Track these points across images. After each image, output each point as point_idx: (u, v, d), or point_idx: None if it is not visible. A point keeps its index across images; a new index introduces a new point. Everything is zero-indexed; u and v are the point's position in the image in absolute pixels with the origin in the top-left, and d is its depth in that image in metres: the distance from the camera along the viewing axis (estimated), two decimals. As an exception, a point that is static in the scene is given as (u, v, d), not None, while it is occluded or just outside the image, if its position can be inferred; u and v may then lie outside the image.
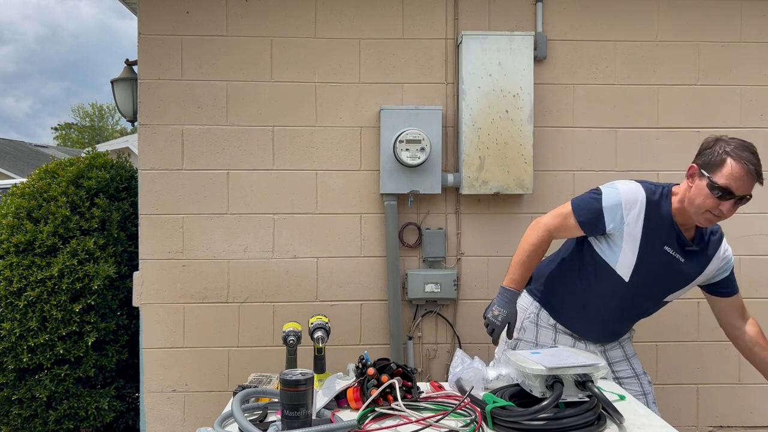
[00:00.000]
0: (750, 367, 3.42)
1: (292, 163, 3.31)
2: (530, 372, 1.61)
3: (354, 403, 1.70)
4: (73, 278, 3.17)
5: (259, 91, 3.30)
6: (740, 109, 3.41)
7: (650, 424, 1.65)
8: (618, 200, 1.97)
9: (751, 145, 1.88)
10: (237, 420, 1.49)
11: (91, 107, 38.86)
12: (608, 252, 2.01)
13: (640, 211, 1.95)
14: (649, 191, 1.99)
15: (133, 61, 4.04)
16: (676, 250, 1.98)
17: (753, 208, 3.39)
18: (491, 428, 1.56)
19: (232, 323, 3.31)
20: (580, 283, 2.09)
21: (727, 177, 1.83)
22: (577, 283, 2.10)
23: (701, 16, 3.40)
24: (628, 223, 1.96)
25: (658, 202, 1.97)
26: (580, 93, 3.37)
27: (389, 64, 3.31)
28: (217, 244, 3.29)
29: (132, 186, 3.65)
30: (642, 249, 1.96)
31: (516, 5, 3.34)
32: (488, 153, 3.20)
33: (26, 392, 3.19)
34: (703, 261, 2.04)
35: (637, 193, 1.98)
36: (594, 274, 2.05)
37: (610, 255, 2.01)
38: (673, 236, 1.97)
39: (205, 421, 3.25)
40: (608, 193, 2.00)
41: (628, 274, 1.99)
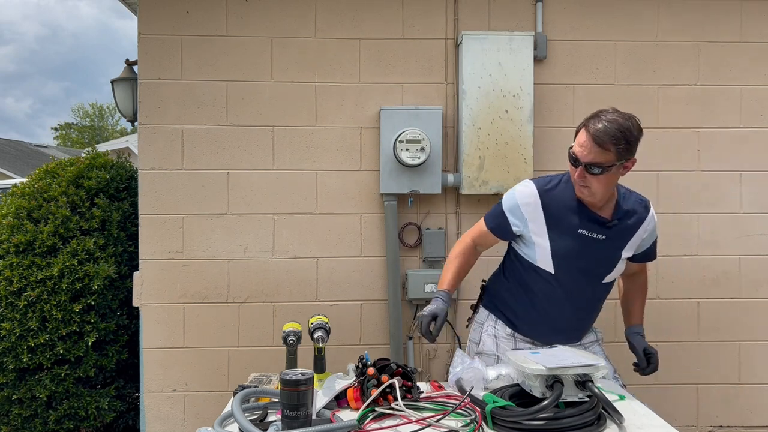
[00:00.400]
0: (750, 368, 3.44)
1: (292, 163, 3.31)
2: (530, 372, 1.61)
3: (354, 403, 1.70)
4: (73, 278, 3.17)
5: (259, 91, 3.30)
6: (740, 109, 3.41)
7: (650, 424, 1.66)
8: (515, 201, 2.05)
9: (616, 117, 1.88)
10: (237, 420, 1.50)
11: (91, 107, 38.87)
12: (528, 251, 2.06)
13: (536, 205, 2.00)
14: (541, 184, 2.05)
15: (133, 61, 4.05)
16: (594, 230, 1.99)
17: (753, 208, 3.41)
18: (491, 428, 1.56)
19: (232, 323, 3.31)
20: (521, 288, 2.12)
21: (576, 143, 1.93)
22: (519, 288, 2.13)
23: (701, 16, 3.40)
24: (531, 219, 2.01)
25: (554, 190, 2.02)
26: (580, 93, 3.37)
27: (389, 64, 3.31)
28: (217, 244, 3.29)
29: (132, 186, 3.65)
30: (552, 239, 2.00)
31: (516, 5, 3.34)
32: (488, 153, 3.20)
33: (26, 392, 3.19)
34: (627, 233, 2.05)
35: (530, 188, 2.04)
36: (527, 276, 2.10)
37: (530, 254, 2.06)
38: (584, 218, 1.99)
39: (205, 421, 3.25)
40: (507, 197, 2.09)
41: (552, 265, 2.02)
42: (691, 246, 3.40)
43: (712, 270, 3.41)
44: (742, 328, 3.43)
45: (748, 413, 3.45)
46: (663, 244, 3.39)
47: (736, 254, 3.42)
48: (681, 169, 3.41)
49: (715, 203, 3.41)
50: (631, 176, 3.37)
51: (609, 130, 1.84)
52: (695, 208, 3.40)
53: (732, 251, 3.42)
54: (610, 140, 1.84)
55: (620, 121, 1.87)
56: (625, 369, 3.35)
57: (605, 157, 1.86)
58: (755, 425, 3.45)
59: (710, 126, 3.40)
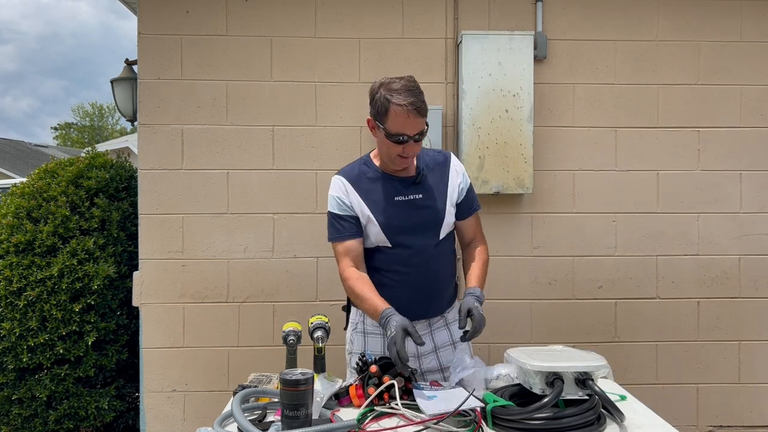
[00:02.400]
0: (750, 367, 3.44)
1: (292, 163, 3.31)
2: (531, 369, 1.61)
3: (357, 400, 1.71)
4: (73, 278, 3.17)
5: (259, 91, 3.30)
6: (740, 108, 3.41)
7: (650, 423, 1.66)
8: (333, 197, 2.10)
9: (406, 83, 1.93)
10: (237, 420, 1.49)
11: (90, 107, 38.89)
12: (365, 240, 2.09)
13: (349, 190, 2.08)
14: (345, 171, 2.14)
15: (133, 60, 4.04)
16: (409, 193, 2.07)
17: (753, 207, 3.41)
18: (491, 428, 1.56)
19: (232, 323, 3.31)
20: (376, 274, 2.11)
21: (395, 124, 1.92)
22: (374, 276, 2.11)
23: (701, 16, 3.40)
24: (352, 205, 2.07)
25: (359, 171, 2.11)
26: (580, 93, 3.37)
27: (389, 64, 3.31)
28: (217, 244, 3.29)
29: (132, 186, 3.65)
30: (375, 212, 2.05)
31: (516, 5, 3.34)
32: (488, 153, 3.20)
33: (26, 392, 3.19)
34: (439, 184, 2.12)
35: (337, 180, 2.12)
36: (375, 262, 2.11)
37: (366, 240, 2.09)
38: (395, 185, 2.07)
39: (205, 421, 3.25)
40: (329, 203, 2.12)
41: (385, 239, 2.06)
42: (691, 246, 3.40)
43: (712, 270, 3.41)
44: (742, 328, 3.43)
45: (748, 413, 3.45)
46: (663, 244, 3.40)
47: (736, 254, 3.42)
48: (681, 168, 3.41)
49: (715, 203, 3.41)
50: (631, 176, 3.39)
51: (418, 96, 1.92)
52: (695, 207, 3.40)
53: (732, 251, 3.42)
54: (424, 105, 1.93)
55: (413, 83, 1.96)
56: (625, 369, 3.36)
57: (424, 121, 1.96)
58: (755, 425, 3.45)
59: (710, 125, 3.40)
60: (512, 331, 3.36)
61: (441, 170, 2.13)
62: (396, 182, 2.08)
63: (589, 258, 3.38)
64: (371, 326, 2.14)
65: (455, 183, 2.13)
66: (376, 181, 2.08)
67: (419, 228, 2.08)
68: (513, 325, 3.37)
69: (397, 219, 2.05)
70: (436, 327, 2.17)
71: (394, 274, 2.08)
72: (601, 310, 3.39)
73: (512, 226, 3.35)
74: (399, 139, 1.93)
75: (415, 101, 1.90)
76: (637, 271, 3.39)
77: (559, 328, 3.38)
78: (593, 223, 3.38)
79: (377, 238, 2.06)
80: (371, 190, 2.07)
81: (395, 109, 1.90)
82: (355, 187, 2.07)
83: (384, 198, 2.06)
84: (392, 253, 2.07)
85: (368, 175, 2.09)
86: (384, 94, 1.93)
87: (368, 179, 2.09)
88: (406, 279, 2.07)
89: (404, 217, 2.06)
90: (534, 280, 3.38)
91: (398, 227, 2.05)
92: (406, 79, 1.96)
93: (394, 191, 2.07)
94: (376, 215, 2.04)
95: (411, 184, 2.08)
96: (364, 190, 2.07)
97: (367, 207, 2.05)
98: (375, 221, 2.04)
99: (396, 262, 2.07)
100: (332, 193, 2.10)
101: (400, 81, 1.94)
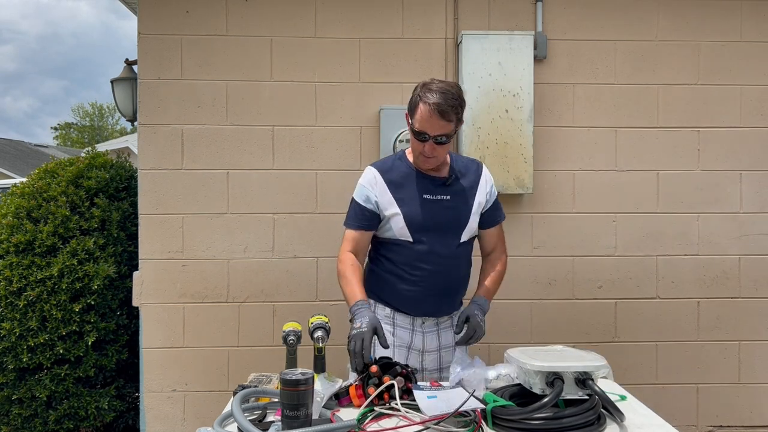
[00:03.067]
0: (750, 368, 3.44)
1: (292, 163, 3.31)
2: (531, 368, 1.61)
3: (357, 400, 1.71)
4: (73, 278, 3.17)
5: (259, 91, 3.30)
6: (740, 108, 3.41)
7: (650, 423, 1.66)
8: (362, 186, 2.15)
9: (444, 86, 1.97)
10: (237, 420, 1.49)
11: (90, 107, 38.89)
12: (387, 231, 2.13)
13: (380, 182, 2.12)
14: (379, 164, 2.19)
15: (132, 60, 4.05)
16: (437, 193, 2.11)
17: (753, 207, 3.41)
18: (491, 428, 1.56)
19: (232, 323, 3.31)
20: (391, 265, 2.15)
21: (419, 121, 1.99)
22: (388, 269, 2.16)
23: (701, 16, 3.40)
24: (380, 197, 2.11)
25: (392, 166, 2.15)
26: (580, 93, 3.37)
27: (389, 64, 3.31)
28: (217, 244, 3.29)
29: (132, 186, 3.65)
30: (402, 208, 2.09)
31: (516, 5, 3.34)
32: (488, 152, 3.20)
33: (26, 392, 3.19)
34: (468, 189, 2.16)
35: (370, 170, 2.16)
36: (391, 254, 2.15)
37: (388, 232, 2.13)
38: (426, 184, 2.12)
39: (205, 421, 3.25)
40: (356, 191, 2.18)
41: (409, 234, 2.09)
42: (691, 246, 3.40)
43: (712, 270, 3.41)
44: (742, 328, 3.43)
45: (748, 413, 3.45)
46: (663, 244, 3.40)
47: (736, 254, 3.42)
48: (681, 168, 3.41)
49: (715, 203, 3.41)
50: (631, 176, 3.39)
51: (448, 101, 1.95)
52: (695, 207, 3.40)
53: (732, 251, 3.42)
54: (451, 110, 1.96)
55: (451, 89, 1.98)
56: (625, 369, 3.36)
57: (449, 126, 1.99)
58: (755, 425, 3.45)
59: (710, 125, 3.40)
60: (512, 331, 3.36)
61: (472, 178, 2.18)
62: (426, 180, 2.12)
63: (589, 258, 3.38)
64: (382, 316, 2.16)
65: (484, 192, 2.18)
66: (407, 176, 2.13)
67: (442, 228, 2.11)
68: (513, 325, 3.37)
69: (421, 216, 2.09)
70: (444, 327, 2.21)
71: (411, 269, 2.12)
72: (601, 310, 3.39)
73: (512, 226, 3.35)
74: (421, 137, 1.99)
75: (441, 103, 1.93)
76: (637, 271, 3.39)
77: (559, 328, 3.38)
78: (593, 223, 3.38)
79: (400, 232, 2.10)
80: (401, 185, 2.11)
81: (422, 106, 1.96)
82: (386, 179, 2.12)
83: (412, 194, 2.10)
84: (412, 248, 2.11)
85: (401, 170, 2.14)
86: (420, 90, 1.99)
87: (400, 173, 2.13)
88: (422, 276, 2.11)
89: (429, 216, 2.10)
90: (534, 280, 3.38)
91: (422, 224, 2.09)
92: (447, 83, 2.01)
93: (424, 189, 2.11)
94: (403, 209, 2.09)
95: (441, 184, 2.12)
96: (394, 183, 2.11)
97: (394, 201, 2.09)
98: (401, 215, 2.08)
99: (415, 258, 2.11)
100: (362, 182, 2.15)
101: (441, 83, 1.99)
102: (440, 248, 2.11)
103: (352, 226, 2.16)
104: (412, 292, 2.12)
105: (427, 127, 1.97)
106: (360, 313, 1.96)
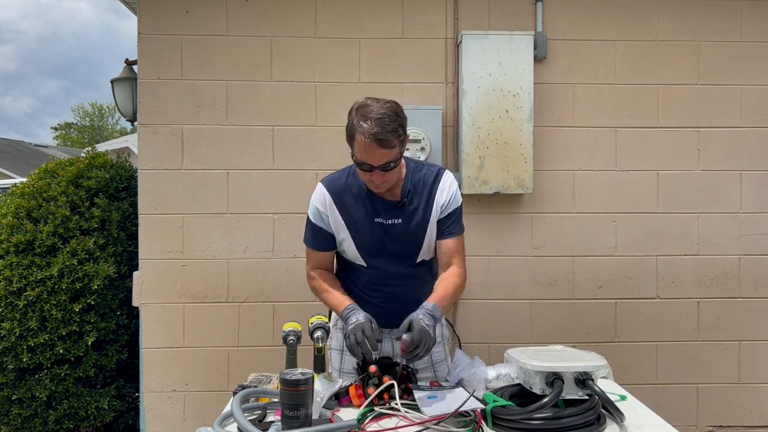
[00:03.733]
0: (750, 368, 3.44)
1: (292, 163, 3.31)
2: (531, 369, 1.61)
3: (357, 400, 1.71)
4: (73, 278, 3.17)
5: (259, 91, 3.30)
6: (740, 108, 3.41)
7: (650, 423, 1.66)
8: (314, 206, 2.03)
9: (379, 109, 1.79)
10: (237, 420, 1.49)
11: (90, 107, 38.88)
12: (343, 253, 2.06)
13: (330, 203, 2.00)
14: (328, 182, 2.03)
15: (132, 60, 4.04)
16: (389, 216, 1.97)
17: (753, 207, 3.41)
18: (491, 428, 1.56)
19: (232, 323, 3.31)
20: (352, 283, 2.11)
21: (359, 152, 1.82)
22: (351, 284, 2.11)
23: (701, 16, 3.40)
24: (331, 218, 2.00)
25: (344, 185, 2.00)
26: (580, 92, 3.37)
27: (389, 64, 3.31)
28: (217, 244, 3.29)
29: (132, 186, 3.65)
30: (353, 232, 1.99)
31: (516, 5, 3.34)
32: (488, 153, 3.20)
33: (26, 392, 3.19)
34: (424, 205, 1.99)
35: (320, 189, 2.03)
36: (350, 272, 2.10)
37: (344, 254, 2.06)
38: (377, 206, 1.97)
39: (205, 421, 3.25)
40: (310, 209, 2.06)
41: (361, 259, 2.02)
42: (691, 246, 3.40)
43: (712, 270, 3.41)
44: (742, 328, 3.43)
45: (748, 413, 3.45)
46: (663, 244, 3.40)
47: (736, 254, 3.42)
48: (681, 168, 3.41)
49: (715, 203, 3.41)
50: (631, 176, 3.39)
51: (385, 126, 1.77)
52: (695, 207, 3.40)
53: (732, 251, 3.42)
54: (391, 135, 1.78)
55: (387, 111, 1.79)
56: (625, 369, 3.36)
57: (393, 152, 1.81)
58: (755, 425, 3.45)
59: (710, 125, 3.40)
60: (512, 331, 3.36)
61: (428, 192, 2.00)
62: (378, 202, 1.98)
63: (589, 258, 3.38)
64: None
65: (439, 204, 2.00)
66: (358, 198, 1.99)
67: (395, 254, 2.01)
68: (513, 325, 3.37)
69: (372, 242, 1.99)
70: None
71: (370, 291, 2.08)
72: (601, 310, 3.39)
73: (512, 226, 3.35)
74: (365, 167, 1.84)
75: (378, 132, 1.75)
76: (637, 271, 3.39)
77: (559, 328, 3.38)
78: (593, 223, 3.38)
79: (353, 256, 2.04)
80: (352, 207, 1.99)
81: (358, 137, 1.79)
82: (336, 201, 2.00)
83: (363, 217, 1.98)
84: (367, 272, 2.05)
85: (353, 190, 2.00)
86: (354, 117, 1.82)
87: (352, 194, 1.99)
88: (382, 296, 2.07)
89: (380, 242, 1.99)
90: (534, 280, 3.38)
91: (373, 250, 2.00)
92: (382, 104, 1.82)
93: (374, 213, 1.98)
94: (353, 235, 1.99)
95: (393, 207, 1.98)
96: (345, 205, 1.99)
97: (344, 225, 1.99)
98: (351, 241, 2.00)
99: (371, 282, 2.07)
100: (314, 201, 2.04)
101: (377, 105, 1.81)
102: (395, 270, 2.02)
103: (311, 245, 2.07)
104: (376, 309, 2.00)
105: (369, 158, 1.80)
106: (352, 313, 1.88)
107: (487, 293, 3.36)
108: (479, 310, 3.36)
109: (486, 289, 3.36)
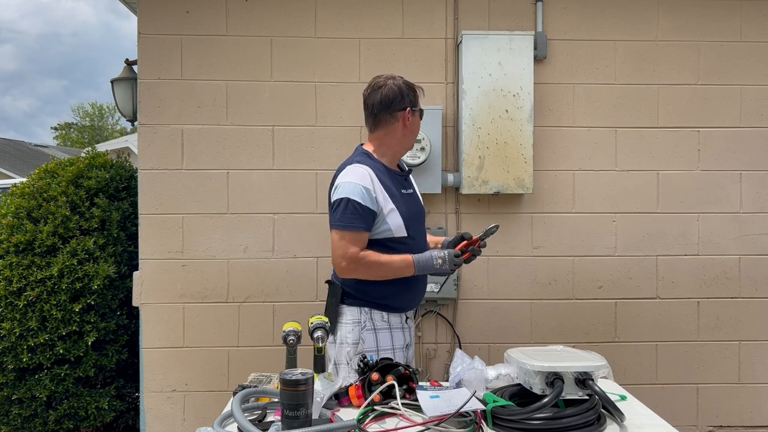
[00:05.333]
0: (750, 368, 3.44)
1: (292, 163, 3.31)
2: (531, 369, 1.61)
3: (357, 400, 1.71)
4: (73, 278, 3.17)
5: (259, 91, 3.30)
6: (740, 108, 3.41)
7: (651, 423, 1.66)
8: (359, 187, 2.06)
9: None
10: (237, 420, 1.49)
11: (91, 107, 38.88)
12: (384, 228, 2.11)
13: (375, 179, 2.11)
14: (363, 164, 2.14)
15: (133, 60, 4.04)
16: (406, 187, 2.24)
17: (753, 207, 3.41)
18: (491, 428, 1.56)
19: (232, 323, 3.31)
20: None
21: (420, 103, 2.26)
22: None
23: (701, 16, 3.40)
24: (379, 193, 2.10)
25: (371, 164, 2.15)
26: (580, 92, 3.37)
27: (389, 64, 3.31)
28: (217, 244, 3.29)
29: (132, 186, 3.65)
30: (396, 204, 2.13)
31: (516, 5, 3.34)
32: (488, 153, 3.20)
33: (26, 392, 3.19)
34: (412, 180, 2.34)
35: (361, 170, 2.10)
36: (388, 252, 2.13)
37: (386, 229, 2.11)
38: (398, 180, 2.22)
39: (205, 421, 3.25)
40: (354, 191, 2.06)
41: (404, 229, 2.14)
42: (691, 246, 3.40)
43: (712, 270, 3.41)
44: (742, 328, 3.43)
45: (748, 413, 3.45)
46: (663, 244, 3.40)
47: (736, 254, 3.42)
48: (681, 168, 3.41)
49: (715, 203, 3.41)
50: (631, 176, 3.39)
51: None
52: (695, 207, 3.40)
53: (732, 251, 3.42)
54: None
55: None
56: (625, 369, 3.36)
57: None
58: (755, 425, 3.45)
59: (710, 126, 3.40)
60: (512, 331, 3.36)
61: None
62: (397, 176, 2.21)
63: (589, 258, 3.38)
64: (380, 322, 2.19)
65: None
66: (384, 173, 2.16)
67: (420, 219, 2.26)
68: (513, 325, 3.37)
69: (408, 210, 2.17)
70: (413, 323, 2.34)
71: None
72: (601, 310, 3.39)
73: (512, 226, 3.35)
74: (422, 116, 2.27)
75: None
76: (637, 271, 3.40)
77: (559, 328, 3.38)
78: (593, 223, 3.38)
79: (397, 228, 2.12)
80: (385, 182, 2.14)
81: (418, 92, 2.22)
82: (378, 177, 2.12)
83: (395, 190, 2.16)
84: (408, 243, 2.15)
85: (378, 167, 2.15)
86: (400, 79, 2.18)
87: (380, 171, 2.15)
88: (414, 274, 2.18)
89: (412, 210, 2.20)
90: (534, 280, 3.38)
91: (412, 219, 2.19)
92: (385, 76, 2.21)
93: (399, 185, 2.19)
94: (398, 206, 2.13)
95: (404, 179, 2.25)
96: (382, 181, 2.13)
97: (388, 197, 2.11)
98: (398, 212, 2.12)
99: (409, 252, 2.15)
100: (358, 181, 2.06)
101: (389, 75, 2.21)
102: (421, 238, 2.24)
103: (359, 228, 2.06)
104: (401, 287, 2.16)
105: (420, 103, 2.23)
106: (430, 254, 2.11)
107: (487, 293, 3.36)
108: (479, 310, 3.36)
109: (486, 289, 3.36)
